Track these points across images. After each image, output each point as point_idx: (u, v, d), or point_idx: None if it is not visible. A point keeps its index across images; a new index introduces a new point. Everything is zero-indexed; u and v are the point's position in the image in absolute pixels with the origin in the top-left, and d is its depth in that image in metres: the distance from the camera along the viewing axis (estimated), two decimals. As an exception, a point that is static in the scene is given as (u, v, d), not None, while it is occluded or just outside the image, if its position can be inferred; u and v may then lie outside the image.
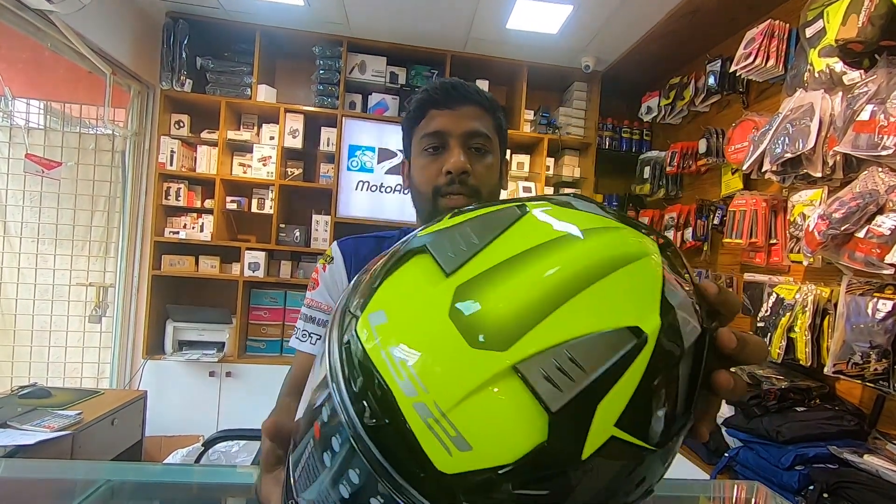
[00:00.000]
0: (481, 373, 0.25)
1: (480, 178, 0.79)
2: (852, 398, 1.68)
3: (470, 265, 0.28)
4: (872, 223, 1.39)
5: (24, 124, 2.70)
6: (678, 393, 0.27)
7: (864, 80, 1.47)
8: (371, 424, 0.25)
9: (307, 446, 0.29)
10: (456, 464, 0.24)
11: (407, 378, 0.25)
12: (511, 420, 0.24)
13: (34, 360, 2.72)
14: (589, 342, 0.25)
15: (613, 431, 0.25)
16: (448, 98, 0.79)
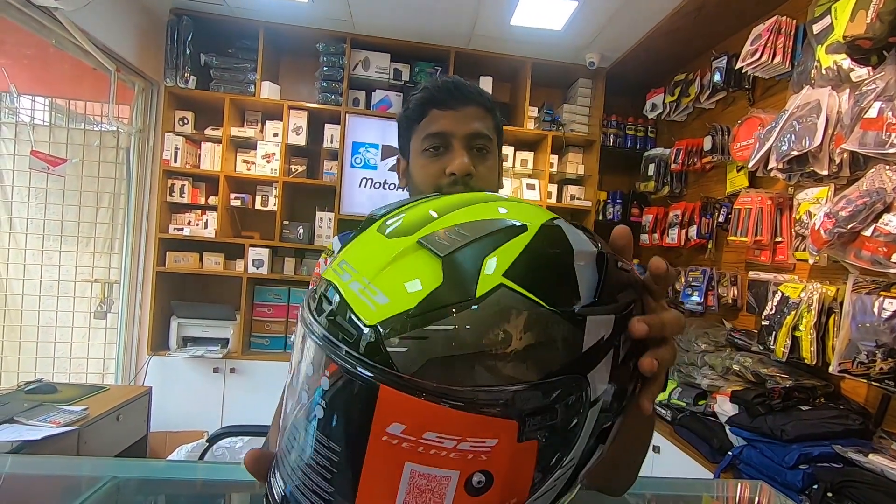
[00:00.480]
0: (395, 250, 0.33)
1: (483, 179, 0.79)
2: (857, 397, 1.67)
3: (397, 211, 0.38)
4: (879, 221, 1.38)
5: (30, 121, 2.71)
6: (575, 279, 0.32)
7: (871, 77, 1.46)
8: (327, 315, 0.32)
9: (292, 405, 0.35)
10: (376, 314, 0.30)
11: (346, 271, 0.34)
12: (415, 274, 0.31)
13: (40, 355, 2.74)
14: (476, 223, 0.34)
15: (502, 280, 0.30)
16: (450, 98, 0.78)
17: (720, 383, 2.01)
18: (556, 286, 0.31)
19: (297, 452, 0.33)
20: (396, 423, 0.29)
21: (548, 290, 0.31)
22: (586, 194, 3.16)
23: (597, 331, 0.32)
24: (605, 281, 0.33)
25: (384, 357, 0.29)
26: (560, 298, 0.31)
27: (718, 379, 2.03)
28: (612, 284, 0.34)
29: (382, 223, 0.37)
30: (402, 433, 0.29)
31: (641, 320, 0.34)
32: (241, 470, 0.41)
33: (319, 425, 0.31)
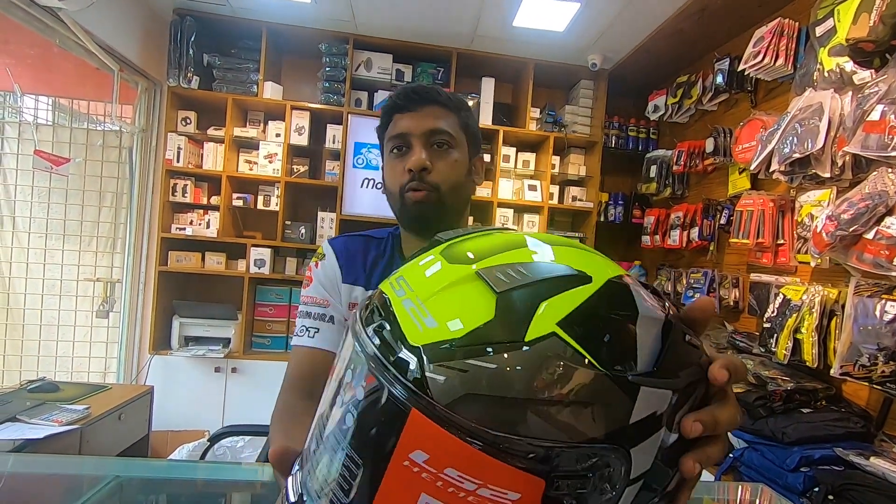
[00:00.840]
0: (453, 276, 0.33)
1: (441, 174, 0.83)
2: (859, 400, 1.67)
3: (464, 237, 0.38)
4: (881, 224, 1.38)
5: (33, 120, 2.72)
6: (635, 343, 0.30)
7: (874, 80, 1.46)
8: (375, 327, 0.32)
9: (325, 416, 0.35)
10: (423, 336, 0.30)
11: (401, 287, 0.34)
12: (468, 304, 0.31)
13: (42, 354, 2.75)
14: (540, 265, 0.33)
15: (555, 328, 0.29)
16: (409, 101, 0.83)
17: (721, 385, 2.01)
18: (612, 346, 0.30)
19: (320, 456, 0.33)
20: (420, 450, 0.28)
21: (602, 348, 0.29)
22: (588, 195, 3.16)
23: (649, 404, 0.30)
24: (668, 353, 0.31)
25: (421, 381, 0.28)
26: (614, 360, 0.29)
27: (719, 381, 2.03)
28: (675, 358, 0.32)
29: (447, 247, 0.37)
30: (425, 463, 0.28)
31: (696, 419, 0.31)
32: (242, 469, 0.41)
33: (347, 434, 0.31)
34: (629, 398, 0.29)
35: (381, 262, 0.92)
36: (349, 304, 0.90)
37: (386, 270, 0.91)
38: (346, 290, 0.89)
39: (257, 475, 1.10)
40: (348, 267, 0.90)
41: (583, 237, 3.16)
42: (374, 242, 0.94)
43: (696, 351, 0.33)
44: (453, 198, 0.85)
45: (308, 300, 0.88)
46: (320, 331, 0.85)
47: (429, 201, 0.82)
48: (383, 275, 0.91)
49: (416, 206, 0.82)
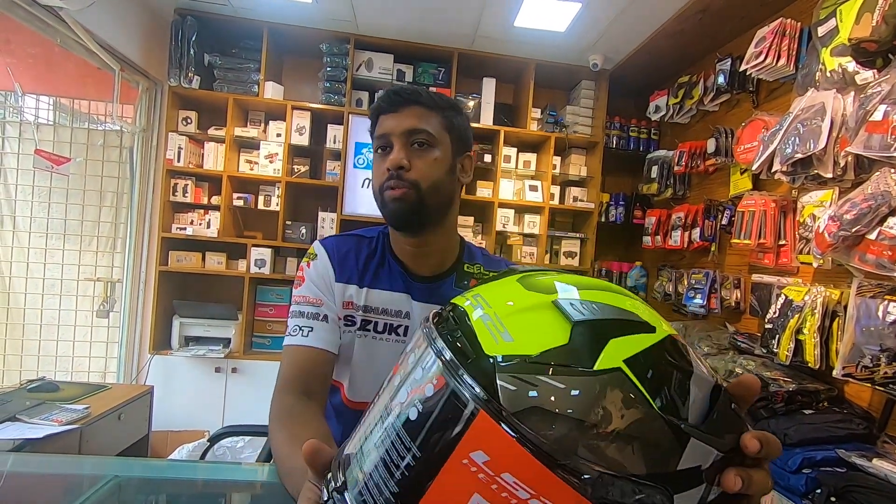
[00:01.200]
0: (531, 301, 0.36)
1: (420, 172, 0.84)
2: (861, 401, 1.66)
3: (540, 272, 0.41)
4: (884, 225, 1.37)
5: (34, 120, 2.72)
6: (688, 397, 0.33)
7: (877, 80, 1.45)
8: (450, 333, 0.35)
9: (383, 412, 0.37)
10: (498, 348, 0.32)
11: (479, 304, 0.37)
12: (544, 329, 0.34)
13: (42, 353, 2.75)
14: (611, 307, 0.36)
15: (622, 365, 0.31)
16: (392, 103, 0.86)
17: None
18: (668, 394, 0.32)
19: (372, 448, 0.35)
20: (482, 451, 0.30)
21: (661, 393, 0.32)
22: (589, 196, 3.16)
23: (695, 456, 0.31)
24: (716, 414, 0.34)
25: (492, 388, 0.31)
26: (669, 407, 0.32)
27: (721, 382, 2.02)
28: (721, 420, 0.34)
29: (524, 276, 0.40)
30: (484, 464, 0.30)
31: (738, 475, 0.33)
32: (242, 469, 0.41)
33: (408, 425, 0.33)
34: (679, 445, 0.31)
35: (372, 260, 0.93)
36: (343, 303, 0.90)
37: (378, 269, 0.92)
38: (339, 289, 0.90)
39: (257, 475, 1.10)
40: (341, 266, 0.91)
41: (584, 237, 3.16)
42: (365, 241, 0.95)
43: (740, 420, 0.36)
44: (433, 196, 0.85)
45: (301, 300, 0.89)
46: (314, 329, 0.86)
47: (407, 199, 0.83)
48: (376, 273, 0.92)
49: (394, 202, 0.84)
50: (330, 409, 0.98)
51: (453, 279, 0.94)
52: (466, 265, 0.96)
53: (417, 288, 0.92)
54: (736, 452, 0.34)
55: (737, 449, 0.34)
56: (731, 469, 0.33)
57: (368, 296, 0.91)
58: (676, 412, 0.32)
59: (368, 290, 0.91)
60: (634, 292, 2.38)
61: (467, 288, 0.89)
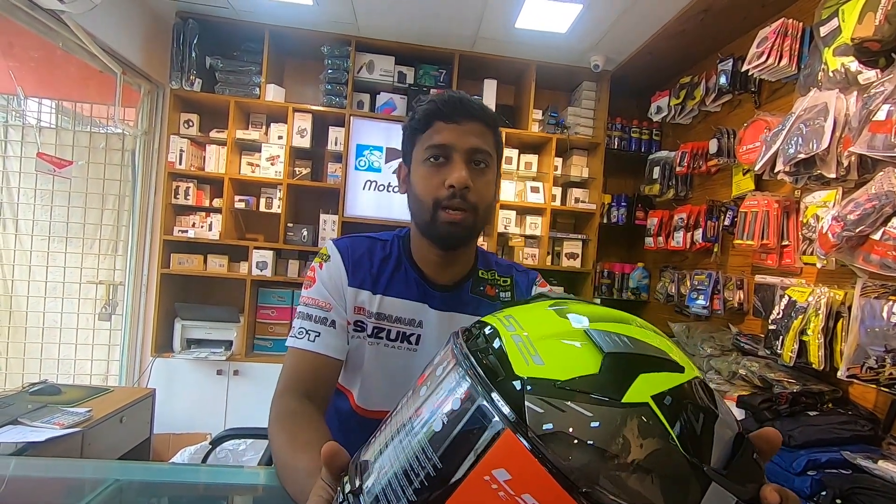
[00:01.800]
0: (563, 328, 0.36)
1: (479, 194, 0.82)
2: (866, 403, 1.65)
3: (571, 301, 0.42)
4: (888, 225, 1.36)
5: (36, 123, 2.72)
6: (712, 441, 0.33)
7: (880, 80, 1.45)
8: (481, 350, 0.36)
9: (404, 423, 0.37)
10: (528, 370, 0.33)
11: (511, 325, 0.37)
12: (577, 356, 0.34)
13: (44, 356, 2.75)
14: (643, 343, 0.36)
15: (649, 400, 0.32)
16: (455, 112, 0.81)
17: (726, 388, 1.99)
18: (693, 435, 0.32)
19: (395, 452, 0.35)
20: (504, 469, 0.30)
21: (685, 433, 0.32)
22: (591, 197, 3.15)
23: (715, 501, 0.31)
24: (738, 461, 0.34)
25: (520, 408, 0.31)
26: (693, 448, 0.32)
27: (725, 383, 2.02)
28: (743, 469, 0.34)
29: (556, 303, 0.41)
30: (505, 482, 0.30)
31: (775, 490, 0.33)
32: (244, 473, 0.42)
33: (431, 436, 0.33)
34: (700, 488, 0.31)
35: (387, 266, 0.90)
36: (354, 308, 0.88)
37: (394, 275, 0.90)
38: (351, 294, 0.88)
39: (259, 479, 1.09)
40: (354, 270, 0.88)
41: (586, 239, 3.15)
42: (380, 244, 0.92)
43: (760, 471, 0.36)
44: (485, 219, 0.85)
45: (309, 301, 0.86)
46: (321, 335, 0.84)
47: (465, 223, 0.82)
48: (391, 279, 0.89)
49: (450, 226, 0.81)
50: (334, 416, 0.97)
51: (469, 285, 0.93)
52: (482, 271, 0.95)
53: (435, 296, 0.90)
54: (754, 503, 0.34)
55: (755, 500, 0.34)
56: None
57: (382, 303, 0.88)
58: (700, 454, 0.32)
59: (382, 297, 0.88)
60: (637, 293, 2.39)
61: (483, 294, 0.89)
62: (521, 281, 0.97)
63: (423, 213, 0.83)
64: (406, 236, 0.94)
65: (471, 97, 0.85)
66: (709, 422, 0.34)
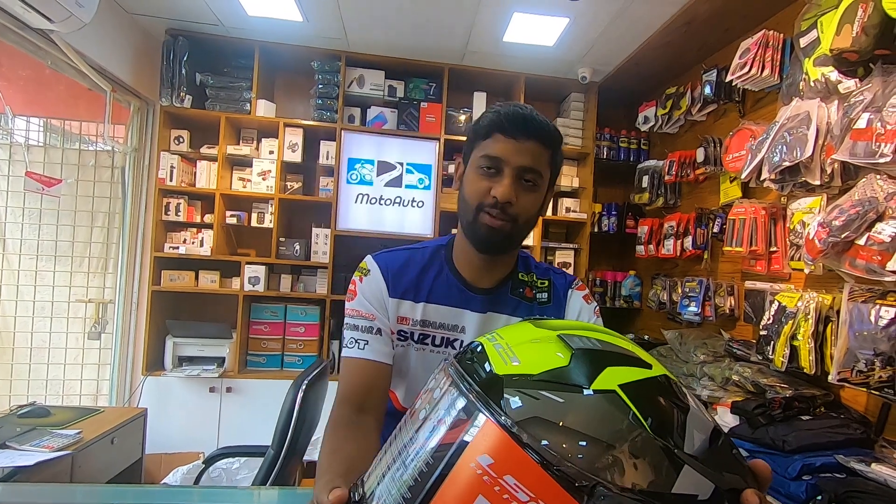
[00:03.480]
0: (539, 335, 0.42)
1: (521, 209, 0.85)
2: (857, 406, 1.67)
3: (551, 320, 0.48)
4: (872, 230, 1.39)
5: (24, 141, 2.70)
6: (684, 430, 0.35)
7: (859, 89, 1.48)
8: (467, 359, 0.41)
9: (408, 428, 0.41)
10: (507, 369, 0.38)
11: (494, 338, 0.43)
12: (549, 354, 0.39)
13: (33, 377, 2.70)
14: (611, 343, 0.41)
15: (617, 388, 0.36)
16: (515, 128, 0.83)
17: (720, 394, 2.00)
18: (662, 421, 0.35)
19: (394, 452, 0.40)
20: (487, 455, 0.33)
21: (654, 418, 0.35)
22: (581, 206, 3.18)
23: (691, 484, 0.33)
24: (715, 451, 0.36)
25: (500, 401, 0.35)
26: (663, 433, 0.34)
27: (718, 390, 2.03)
28: (720, 459, 0.36)
29: (535, 319, 0.48)
30: (489, 467, 0.33)
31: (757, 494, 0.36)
32: (237, 494, 0.44)
33: (426, 435, 0.37)
34: (673, 469, 0.33)
35: (427, 274, 0.94)
36: (397, 318, 0.91)
37: (435, 281, 0.93)
38: (393, 305, 0.91)
39: (253, 500, 1.08)
40: (395, 281, 0.92)
41: (578, 248, 3.17)
42: (419, 254, 0.96)
43: (742, 467, 0.38)
44: (524, 230, 0.88)
45: (354, 313, 0.90)
46: (369, 343, 0.88)
47: (503, 230, 0.85)
48: (433, 287, 0.92)
49: (489, 230, 0.85)
50: (388, 416, 0.99)
51: (509, 287, 0.95)
52: (521, 274, 0.97)
53: (476, 300, 0.93)
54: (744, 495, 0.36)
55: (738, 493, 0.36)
56: None
57: (426, 310, 0.92)
58: (671, 439, 0.34)
59: (426, 305, 0.92)
60: (629, 301, 2.41)
61: (521, 296, 0.93)
62: (559, 283, 0.99)
63: (467, 213, 0.87)
64: (449, 244, 0.97)
65: (536, 114, 0.86)
66: (679, 413, 0.36)
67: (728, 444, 0.38)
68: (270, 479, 1.49)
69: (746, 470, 0.38)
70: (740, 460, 0.38)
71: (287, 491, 1.13)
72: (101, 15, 2.03)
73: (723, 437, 0.38)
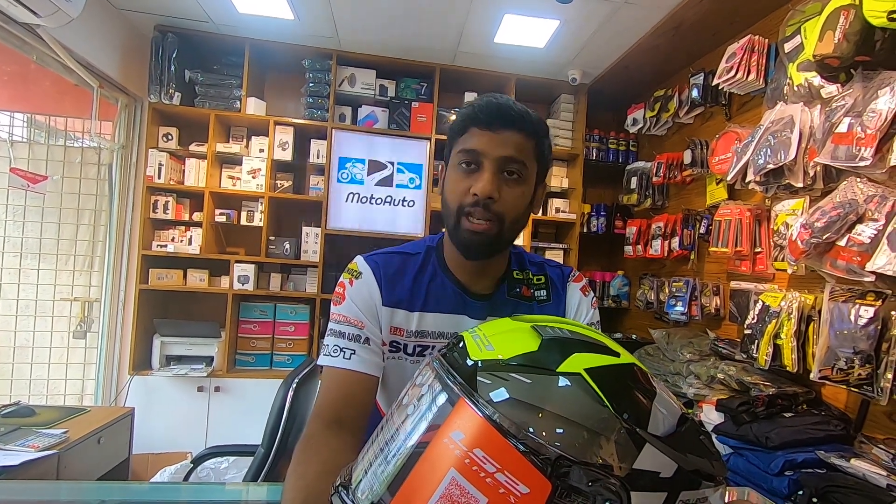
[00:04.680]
0: (514, 326, 0.46)
1: (506, 205, 0.79)
2: (838, 403, 1.71)
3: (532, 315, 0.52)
4: (853, 232, 1.43)
5: (8, 137, 2.66)
6: (648, 413, 0.38)
7: (841, 94, 1.52)
8: (449, 350, 0.45)
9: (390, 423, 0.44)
10: (482, 354, 0.42)
11: (475, 332, 0.47)
12: (520, 341, 0.42)
13: (16, 377, 2.66)
14: (580, 333, 0.45)
15: (582, 371, 0.38)
16: (491, 119, 0.78)
17: (706, 392, 2.04)
18: (625, 403, 0.38)
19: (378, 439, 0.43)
20: (459, 430, 0.36)
21: (617, 400, 0.37)
22: (571, 207, 3.21)
23: (652, 462, 0.36)
24: (680, 433, 0.39)
25: (473, 382, 0.38)
26: (626, 412, 0.37)
27: (704, 388, 2.06)
28: (685, 441, 0.39)
29: (517, 315, 0.51)
30: (460, 441, 0.36)
31: None
32: (226, 490, 0.45)
33: (406, 418, 0.41)
34: (634, 446, 0.35)
35: (422, 279, 0.88)
36: (391, 328, 0.85)
37: (430, 287, 0.87)
38: (386, 314, 0.85)
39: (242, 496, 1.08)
40: (389, 289, 0.85)
41: (567, 248, 3.20)
42: (412, 259, 0.90)
43: (708, 450, 0.40)
44: (512, 230, 0.82)
45: (341, 318, 0.83)
46: (356, 352, 0.81)
47: (488, 234, 0.79)
48: (428, 294, 0.87)
49: (472, 235, 0.79)
50: None
51: (505, 289, 0.90)
52: (515, 272, 0.92)
53: (474, 306, 0.87)
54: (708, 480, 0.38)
55: (708, 476, 0.38)
56: None
57: (422, 320, 0.86)
58: (635, 420, 0.37)
59: (421, 315, 0.86)
60: (617, 301, 2.43)
61: (519, 295, 0.91)
62: (556, 276, 0.95)
63: (449, 217, 0.82)
64: (439, 245, 0.92)
65: (514, 103, 0.80)
66: (644, 397, 0.39)
67: (694, 428, 0.40)
68: (260, 477, 1.50)
69: (714, 454, 0.40)
70: (707, 445, 0.41)
71: (276, 487, 1.13)
72: (89, 10, 2.01)
73: (689, 422, 0.40)
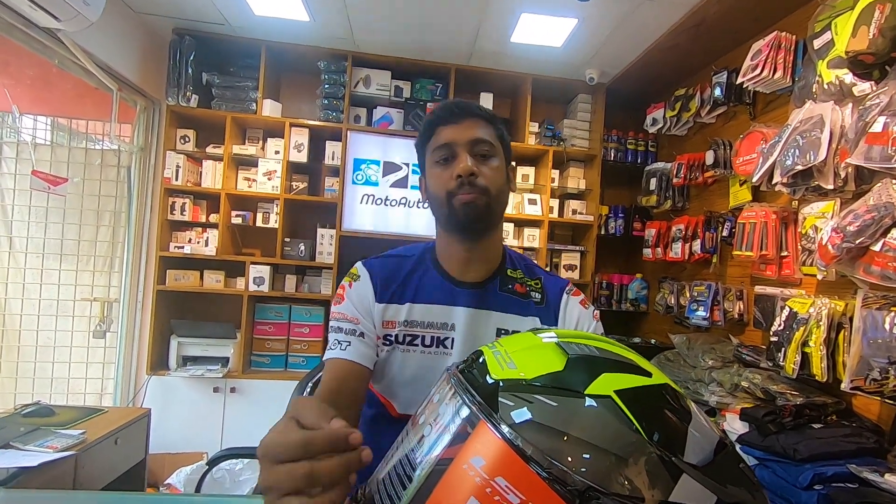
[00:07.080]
0: (537, 342, 0.43)
1: (488, 178, 0.88)
2: (870, 414, 1.64)
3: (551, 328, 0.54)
4: (888, 236, 1.37)
5: (31, 140, 2.71)
6: (684, 439, 0.34)
7: (875, 92, 1.46)
8: (468, 367, 0.42)
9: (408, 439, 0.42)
10: (503, 373, 0.39)
11: (495, 346, 0.44)
12: (544, 360, 0.39)
13: (37, 376, 2.70)
14: (609, 351, 0.41)
15: (612, 394, 0.35)
16: (452, 115, 0.89)
17: (729, 400, 1.98)
18: (661, 428, 0.34)
19: (395, 454, 0.41)
20: (480, 456, 0.33)
21: (652, 425, 0.34)
22: (588, 209, 3.15)
23: (688, 494, 0.32)
24: (720, 464, 0.35)
25: (494, 403, 0.36)
26: (660, 440, 0.34)
27: (727, 396, 2.00)
28: (726, 471, 0.35)
29: (538, 329, 0.48)
30: (481, 468, 0.33)
31: None
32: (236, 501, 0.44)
33: (426, 439, 0.38)
34: (670, 477, 0.32)
35: (414, 276, 0.95)
36: (383, 323, 0.92)
37: (421, 280, 0.94)
38: (379, 310, 0.92)
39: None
40: (383, 288, 0.93)
41: (584, 250, 3.15)
42: (407, 260, 0.97)
43: (749, 480, 0.37)
44: (498, 203, 0.90)
45: (339, 316, 0.92)
46: (352, 344, 0.89)
47: (479, 203, 0.86)
48: (419, 286, 0.94)
49: (466, 207, 0.86)
50: (384, 422, 0.97)
51: (497, 284, 0.95)
52: (509, 270, 0.97)
53: (463, 294, 0.93)
54: None
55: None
56: None
57: (411, 311, 0.92)
58: (670, 448, 0.33)
59: (411, 306, 0.92)
60: (636, 305, 2.38)
61: (512, 291, 0.94)
62: (550, 285, 0.99)
63: (441, 206, 0.89)
64: (433, 247, 0.99)
65: (466, 101, 0.92)
66: (679, 422, 0.36)
67: (734, 456, 0.37)
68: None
69: (755, 485, 0.37)
70: (748, 474, 0.37)
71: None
72: (108, 14, 2.03)
73: (728, 449, 0.37)
